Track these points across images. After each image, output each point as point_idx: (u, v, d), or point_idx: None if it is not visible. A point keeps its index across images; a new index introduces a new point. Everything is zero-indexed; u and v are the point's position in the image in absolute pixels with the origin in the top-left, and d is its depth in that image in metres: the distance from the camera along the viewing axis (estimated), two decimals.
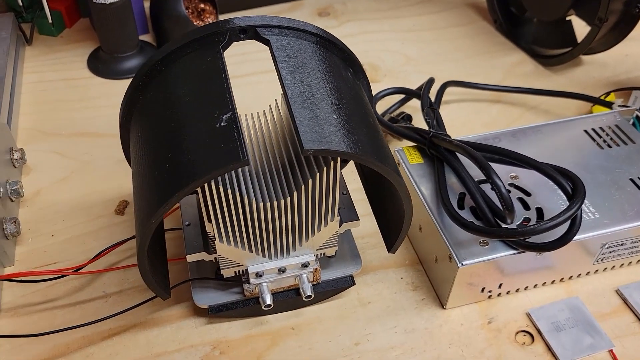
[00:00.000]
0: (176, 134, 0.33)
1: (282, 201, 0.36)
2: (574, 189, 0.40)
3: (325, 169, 0.35)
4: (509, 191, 0.44)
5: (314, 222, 0.39)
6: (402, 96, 0.59)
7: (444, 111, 0.61)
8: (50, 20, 0.70)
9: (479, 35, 0.74)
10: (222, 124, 0.32)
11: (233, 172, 0.36)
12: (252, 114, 0.42)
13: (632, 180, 0.47)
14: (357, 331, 0.43)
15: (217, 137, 0.31)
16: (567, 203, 0.40)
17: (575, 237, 0.42)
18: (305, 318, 0.44)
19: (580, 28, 0.66)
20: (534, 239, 0.41)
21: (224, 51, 0.36)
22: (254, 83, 0.63)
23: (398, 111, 0.59)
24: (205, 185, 0.33)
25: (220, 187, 0.34)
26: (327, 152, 0.32)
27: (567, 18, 0.67)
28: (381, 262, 0.48)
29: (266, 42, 0.37)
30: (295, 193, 0.36)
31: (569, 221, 0.40)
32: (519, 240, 0.40)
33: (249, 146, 0.39)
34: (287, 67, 0.35)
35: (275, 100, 0.41)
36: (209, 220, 0.36)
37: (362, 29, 0.75)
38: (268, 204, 0.36)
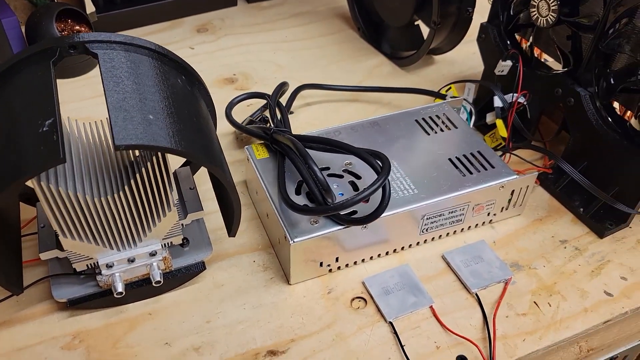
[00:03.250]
0: (7, 140, 0.37)
1: (115, 195, 0.40)
2: (382, 166, 0.46)
3: (149, 163, 0.40)
4: (342, 176, 0.51)
5: (152, 213, 0.43)
6: (263, 102, 0.65)
7: (304, 113, 0.67)
8: None
9: (345, 43, 0.81)
10: (45, 129, 0.36)
11: (65, 169, 0.40)
12: (90, 123, 0.46)
13: (450, 159, 0.54)
14: (209, 311, 0.47)
15: (39, 140, 0.36)
16: None
17: (395, 211, 0.48)
18: (163, 304, 0.48)
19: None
20: (357, 215, 0.47)
21: (55, 66, 0.41)
22: None
23: (261, 116, 0.64)
24: (36, 182, 0.38)
25: (51, 185, 0.38)
26: (138, 146, 0.36)
27: (415, 23, 0.75)
28: (237, 249, 0.52)
29: (94, 55, 0.42)
30: (125, 187, 0.40)
31: (382, 195, 0.46)
32: (339, 215, 0.46)
33: (80, 148, 0.43)
34: (110, 77, 0.40)
35: None
36: (51, 219, 0.40)
37: (238, 42, 0.80)
38: (102, 198, 0.40)
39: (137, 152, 0.43)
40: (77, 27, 0.72)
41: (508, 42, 0.63)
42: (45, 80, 0.39)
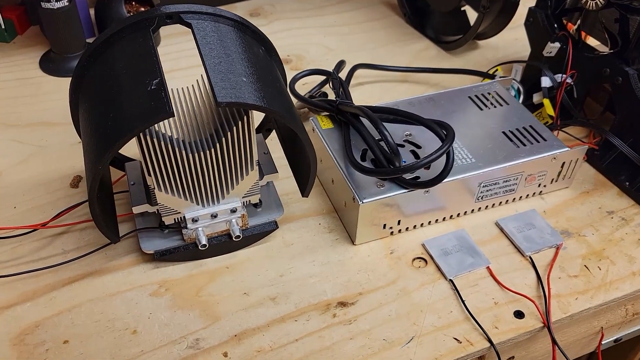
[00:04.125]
0: (115, 98, 0.41)
1: (207, 152, 0.44)
2: (446, 134, 0.49)
3: (240, 122, 0.44)
4: (403, 145, 0.54)
5: (237, 171, 0.47)
6: (322, 78, 0.68)
7: (358, 91, 0.71)
8: (3, 27, 0.77)
9: (391, 28, 0.84)
10: (152, 87, 0.40)
11: (166, 128, 0.44)
12: (182, 88, 0.50)
13: (503, 132, 0.57)
14: (281, 266, 0.51)
15: (148, 97, 0.40)
16: None
17: (455, 177, 0.52)
18: (238, 259, 0.52)
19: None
20: (420, 179, 0.51)
21: (154, 33, 0.45)
22: (190, 75, 0.72)
23: (319, 92, 0.68)
24: (142, 138, 0.41)
25: (155, 140, 0.42)
26: (237, 104, 0.40)
27: (462, 9, 0.78)
28: (303, 212, 0.56)
29: (189, 25, 0.45)
30: (217, 145, 0.44)
31: (445, 161, 0.49)
32: (405, 179, 0.50)
33: (177, 107, 0.47)
34: (205, 44, 0.44)
35: (202, 75, 0.50)
36: (149, 173, 0.44)
37: (289, 26, 0.84)
38: (196, 154, 0.44)
39: (223, 114, 0.47)
40: (142, 8, 0.76)
41: (555, 26, 0.66)
42: (147, 45, 0.43)
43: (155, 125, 0.43)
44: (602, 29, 0.61)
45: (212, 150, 0.44)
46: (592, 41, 0.66)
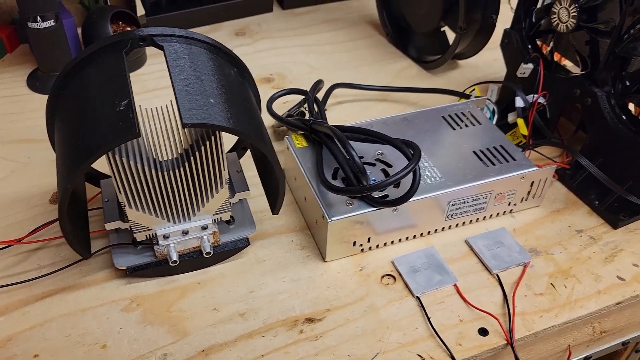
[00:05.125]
0: (86, 119, 0.43)
1: (177, 170, 0.45)
2: (413, 153, 0.50)
3: (208, 142, 0.45)
4: (374, 164, 0.55)
5: (207, 189, 0.48)
6: (301, 98, 0.70)
7: (337, 109, 0.72)
8: None
9: (374, 47, 0.86)
10: (121, 108, 0.41)
11: (135, 147, 0.45)
12: (156, 108, 0.52)
13: (474, 152, 0.58)
14: (252, 282, 0.52)
15: (116, 118, 0.41)
16: None
17: (424, 196, 0.53)
18: (210, 275, 0.53)
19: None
20: (389, 198, 0.52)
21: (127, 55, 0.46)
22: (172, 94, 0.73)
23: (297, 111, 0.69)
24: (111, 157, 0.43)
25: (124, 159, 0.43)
26: (203, 125, 0.41)
27: (442, 29, 0.80)
28: (276, 229, 0.57)
29: (161, 47, 0.47)
30: (186, 164, 0.45)
31: (412, 179, 0.50)
32: (373, 197, 0.51)
33: (149, 126, 0.48)
34: (175, 66, 0.45)
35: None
36: (119, 191, 0.46)
37: (274, 45, 0.86)
38: (165, 173, 0.45)
39: (194, 134, 0.48)
40: (128, 29, 0.78)
41: (530, 47, 0.67)
42: (119, 67, 0.45)
43: (126, 144, 0.44)
44: (574, 51, 0.63)
45: (182, 169, 0.46)
46: (569, 62, 0.68)
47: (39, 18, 0.69)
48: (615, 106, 0.58)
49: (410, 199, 0.51)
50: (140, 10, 0.80)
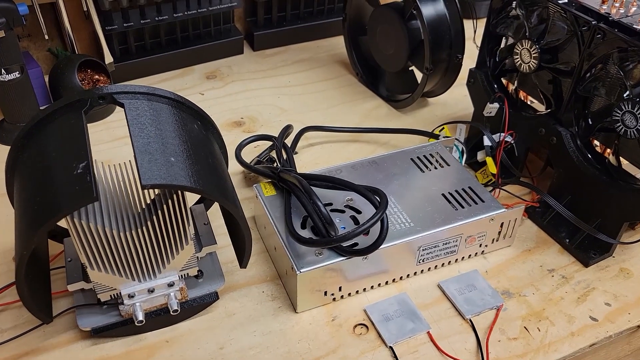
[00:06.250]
0: (44, 182, 0.42)
1: (139, 230, 0.45)
2: (380, 201, 0.50)
3: (170, 201, 0.44)
4: (344, 211, 0.55)
5: (171, 246, 0.47)
6: (270, 143, 0.69)
7: (308, 152, 0.72)
8: None
9: (344, 87, 0.87)
10: (79, 171, 0.41)
11: (95, 207, 0.44)
12: (118, 164, 0.51)
13: (443, 194, 0.58)
14: (222, 338, 0.51)
15: (74, 181, 0.40)
16: None
17: (393, 242, 0.52)
18: (179, 332, 0.51)
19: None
20: (358, 247, 0.51)
21: (86, 115, 0.46)
22: None
23: (268, 156, 0.69)
24: (69, 219, 0.42)
25: (83, 221, 0.42)
26: (163, 186, 0.41)
27: (410, 68, 0.81)
28: (247, 280, 0.56)
29: (121, 105, 0.46)
30: (148, 222, 0.45)
31: (380, 227, 0.50)
32: (342, 247, 0.50)
33: (106, 188, 0.47)
34: (136, 124, 0.45)
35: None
36: (80, 252, 0.44)
37: (245, 88, 0.86)
38: (127, 232, 0.44)
39: (156, 191, 0.48)
40: (97, 77, 0.77)
41: (495, 86, 0.68)
42: (78, 127, 0.44)
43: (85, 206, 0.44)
44: (538, 90, 0.64)
45: (144, 227, 0.45)
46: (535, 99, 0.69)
47: (3, 70, 0.68)
48: (581, 146, 0.59)
49: (380, 247, 0.50)
50: (109, 58, 0.80)
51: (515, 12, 0.63)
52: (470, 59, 0.74)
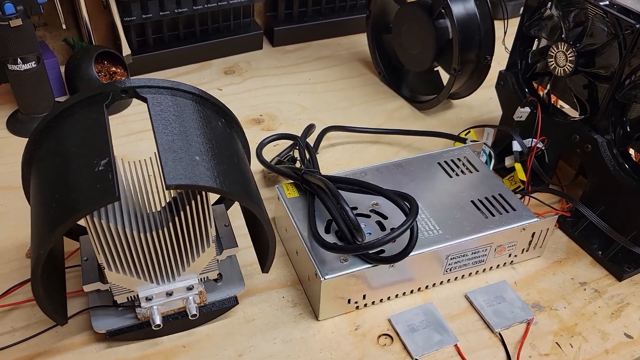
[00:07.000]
0: (63, 178, 0.40)
1: (160, 231, 0.43)
2: (410, 208, 0.48)
3: (193, 202, 0.42)
4: (369, 216, 0.53)
5: (192, 249, 0.45)
6: (290, 142, 0.67)
7: (329, 153, 0.70)
8: None
9: (366, 86, 0.84)
10: (100, 168, 0.39)
11: (115, 207, 0.42)
12: (139, 161, 0.49)
13: (472, 201, 0.56)
14: (241, 344, 0.49)
15: (95, 179, 0.38)
16: None
17: (421, 250, 0.50)
18: (196, 336, 0.49)
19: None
20: (385, 254, 0.49)
21: (107, 108, 0.44)
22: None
23: (288, 155, 0.67)
24: (89, 219, 0.40)
25: (102, 221, 0.40)
26: (187, 186, 0.39)
27: (435, 69, 0.78)
28: (266, 284, 0.54)
29: (144, 99, 0.44)
30: (170, 223, 0.43)
31: (409, 235, 0.48)
32: (368, 254, 0.48)
33: (126, 187, 0.45)
34: (159, 120, 0.43)
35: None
36: (99, 252, 0.43)
37: (263, 84, 0.83)
38: (147, 233, 0.42)
39: (178, 192, 0.46)
40: (114, 69, 0.75)
41: (526, 90, 0.66)
42: (99, 121, 0.42)
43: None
44: (572, 95, 0.61)
45: (165, 229, 0.43)
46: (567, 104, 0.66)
47: (19, 60, 0.66)
48: (617, 154, 0.56)
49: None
50: (126, 50, 0.78)
51: (550, 12, 0.61)
52: (495, 60, 0.72)
